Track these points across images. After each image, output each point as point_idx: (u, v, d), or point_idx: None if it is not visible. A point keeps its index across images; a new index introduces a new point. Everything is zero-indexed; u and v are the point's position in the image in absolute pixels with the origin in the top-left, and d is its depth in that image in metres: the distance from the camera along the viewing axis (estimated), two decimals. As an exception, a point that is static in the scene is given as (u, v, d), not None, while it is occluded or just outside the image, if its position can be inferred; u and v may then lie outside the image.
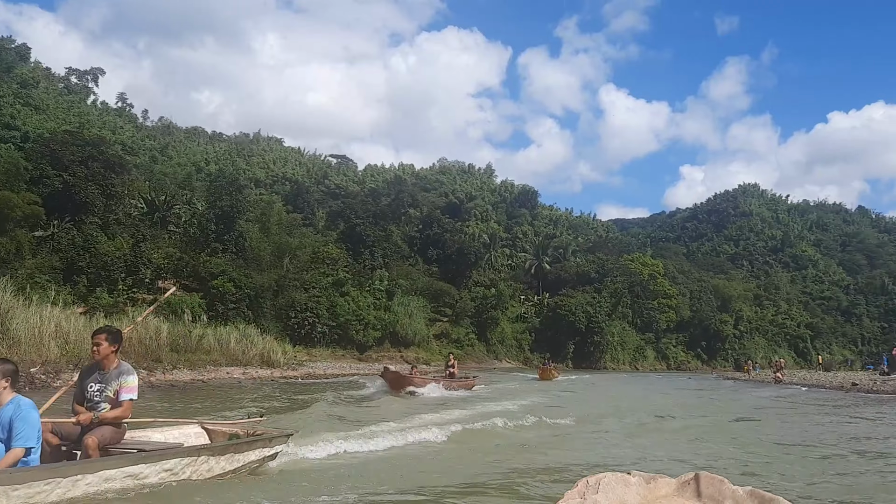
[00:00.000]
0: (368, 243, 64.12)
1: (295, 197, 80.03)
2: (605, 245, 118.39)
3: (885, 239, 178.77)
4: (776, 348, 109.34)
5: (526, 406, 20.06)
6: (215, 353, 25.14)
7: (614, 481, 1.99)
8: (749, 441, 14.03)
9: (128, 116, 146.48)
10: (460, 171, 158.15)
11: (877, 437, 15.23)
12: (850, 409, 23.06)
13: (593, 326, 75.16)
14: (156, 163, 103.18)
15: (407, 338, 56.13)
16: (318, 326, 48.73)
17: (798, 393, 32.91)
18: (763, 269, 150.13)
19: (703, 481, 1.98)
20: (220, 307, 44.29)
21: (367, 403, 20.56)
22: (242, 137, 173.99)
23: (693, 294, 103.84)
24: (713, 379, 57.61)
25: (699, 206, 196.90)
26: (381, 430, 12.42)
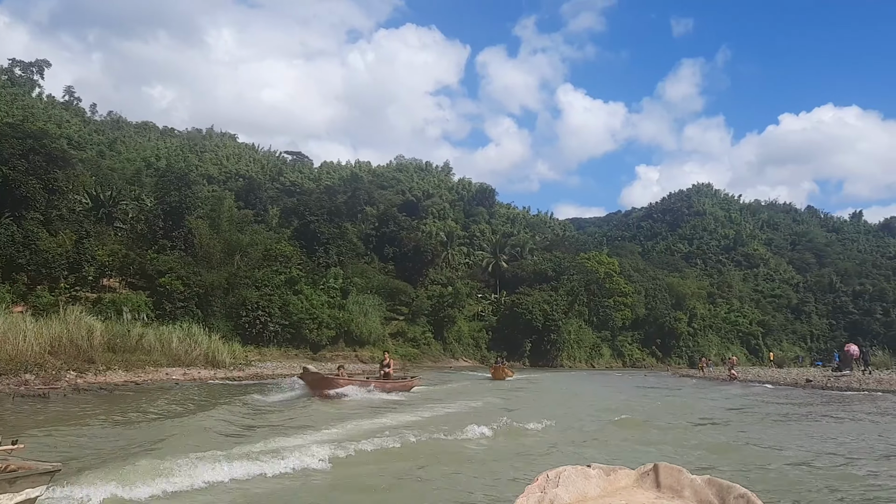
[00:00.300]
0: (323, 241, 62.94)
1: (247, 193, 78.10)
2: (562, 243, 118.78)
3: (833, 238, 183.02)
4: (729, 345, 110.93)
5: (468, 410, 18.68)
6: (156, 354, 23.91)
7: (574, 474, 1.96)
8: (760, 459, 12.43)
9: (75, 110, 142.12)
10: (417, 168, 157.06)
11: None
12: (843, 408, 22.42)
13: (550, 324, 75.07)
14: (103, 158, 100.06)
15: (362, 337, 55.17)
16: (269, 325, 47.57)
17: (765, 391, 32.42)
18: (716, 267, 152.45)
19: (662, 471, 1.98)
20: (167, 306, 42.92)
21: (278, 409, 18.27)
22: (195, 133, 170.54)
23: (648, 292, 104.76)
24: (670, 377, 57.16)
25: (654, 206, 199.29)
26: (247, 452, 10.16)
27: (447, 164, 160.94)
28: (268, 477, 9.22)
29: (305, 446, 11.23)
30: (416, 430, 13.67)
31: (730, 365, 53.22)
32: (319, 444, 11.34)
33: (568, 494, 1.91)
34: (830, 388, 29.46)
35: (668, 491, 1.98)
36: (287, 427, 14.20)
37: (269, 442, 11.71)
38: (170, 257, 46.17)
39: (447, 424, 15.03)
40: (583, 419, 17.49)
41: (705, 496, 1.90)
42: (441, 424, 15.01)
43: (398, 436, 12.89)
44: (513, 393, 28.30)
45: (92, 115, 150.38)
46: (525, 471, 9.89)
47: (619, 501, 1.94)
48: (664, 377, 54.74)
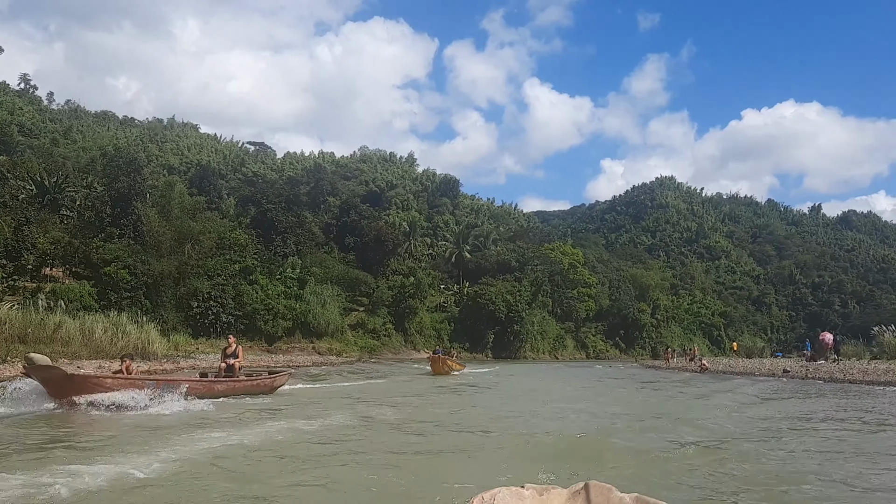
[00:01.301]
0: (280, 230, 61.17)
1: (200, 180, 75.63)
2: (526, 234, 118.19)
3: (793, 231, 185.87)
4: (692, 336, 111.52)
5: (319, 433, 11.22)
6: (75, 345, 22.21)
7: (509, 495, 1.96)
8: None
9: (30, 98, 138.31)
10: (381, 159, 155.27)
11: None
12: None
13: (513, 315, 74.27)
14: (57, 146, 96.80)
15: (319, 328, 53.64)
16: (222, 316, 45.84)
17: (753, 383, 27.76)
18: (679, 259, 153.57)
19: (593, 490, 1.98)
20: (112, 296, 41.03)
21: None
22: (156, 123, 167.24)
23: (612, 283, 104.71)
24: (637, 368, 54.42)
25: (618, 199, 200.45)
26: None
27: (411, 155, 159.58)
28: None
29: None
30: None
31: (691, 355, 52.94)
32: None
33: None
34: (812, 378, 28.46)
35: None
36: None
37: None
38: (116, 245, 44.24)
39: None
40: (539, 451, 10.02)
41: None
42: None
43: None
44: (445, 396, 20.71)
45: (49, 104, 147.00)
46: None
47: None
48: (632, 368, 52.23)
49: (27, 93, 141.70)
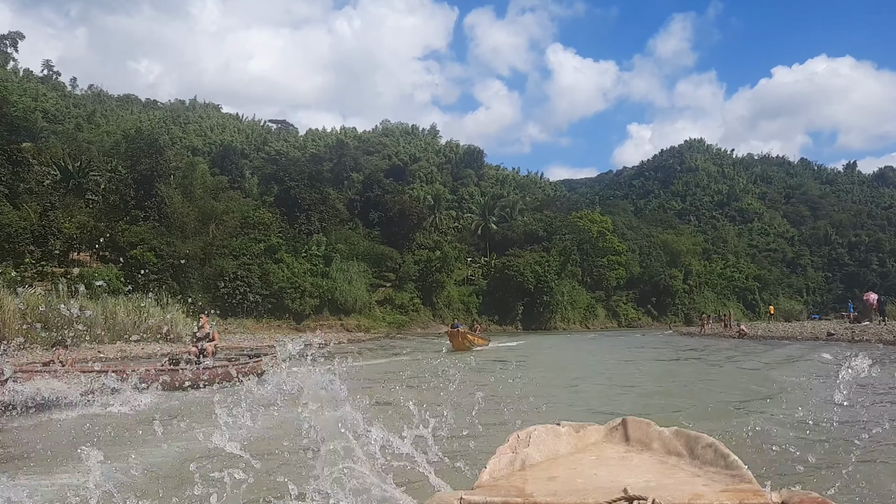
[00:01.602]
0: (304, 207, 60.79)
1: (222, 160, 75.28)
2: (553, 204, 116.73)
3: (828, 190, 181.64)
4: (725, 301, 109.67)
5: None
6: (98, 329, 21.93)
7: (545, 433, 2.00)
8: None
9: (54, 84, 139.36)
10: (404, 132, 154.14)
11: None
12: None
13: (542, 286, 73.42)
14: (81, 131, 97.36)
15: (346, 305, 53.38)
16: (249, 296, 45.75)
17: (811, 349, 24.94)
18: (710, 223, 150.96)
19: (631, 425, 2.02)
20: (139, 278, 41.01)
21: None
22: (178, 104, 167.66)
23: (642, 250, 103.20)
24: (673, 336, 51.94)
25: (646, 164, 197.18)
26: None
27: (434, 127, 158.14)
28: None
29: None
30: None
31: (726, 321, 51.60)
32: None
33: (539, 453, 1.89)
34: (860, 340, 26.86)
35: (637, 444, 1.95)
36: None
37: None
38: (142, 228, 44.20)
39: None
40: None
41: (673, 447, 1.87)
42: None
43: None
44: (467, 375, 17.23)
45: (72, 90, 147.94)
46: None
47: (589, 457, 1.91)
48: (668, 337, 49.44)
49: (50, 79, 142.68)
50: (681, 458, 1.89)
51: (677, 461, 1.87)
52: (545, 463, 1.93)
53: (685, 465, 1.85)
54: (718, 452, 1.80)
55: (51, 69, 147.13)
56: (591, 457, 1.95)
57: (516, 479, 1.85)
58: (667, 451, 1.94)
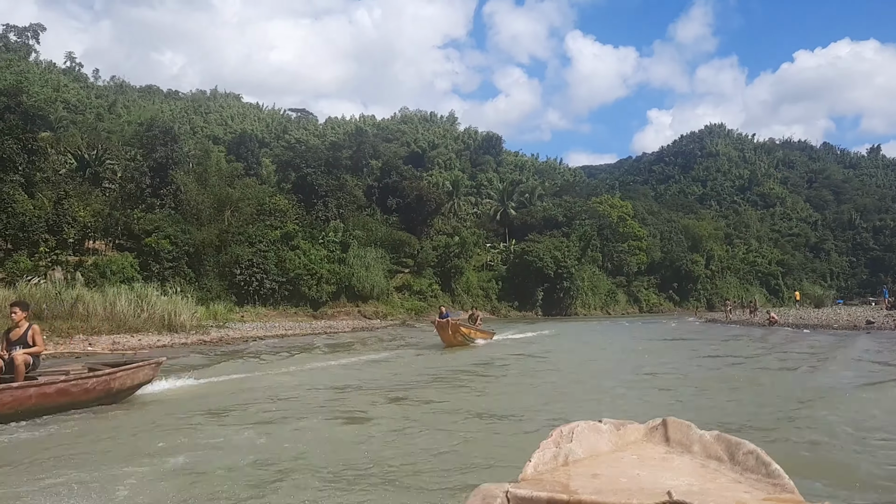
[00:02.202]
0: (321, 193, 60.30)
1: (238, 147, 74.75)
2: (572, 189, 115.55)
3: (851, 174, 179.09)
4: (748, 287, 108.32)
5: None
6: (96, 320, 21.33)
7: (587, 429, 2.03)
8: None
9: (77, 76, 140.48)
10: (422, 119, 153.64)
11: None
12: None
13: (562, 272, 72.52)
14: (101, 121, 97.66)
15: (364, 291, 52.88)
16: (266, 283, 45.37)
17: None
18: (732, 208, 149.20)
19: (671, 427, 2.03)
20: (154, 266, 40.76)
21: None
22: (199, 94, 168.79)
23: (663, 235, 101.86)
24: (697, 322, 49.80)
25: (666, 149, 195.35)
26: None
27: (452, 114, 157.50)
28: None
29: None
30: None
31: (752, 307, 50.34)
32: None
33: (581, 449, 1.94)
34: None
35: (678, 445, 1.97)
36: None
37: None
38: (157, 216, 43.90)
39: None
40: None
41: (714, 451, 1.88)
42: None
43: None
44: (448, 392, 12.35)
45: (95, 81, 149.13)
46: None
47: (630, 455, 1.94)
48: (692, 324, 46.43)
49: (73, 70, 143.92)
50: (721, 462, 1.85)
51: (718, 465, 1.84)
52: (587, 459, 1.92)
53: (726, 471, 1.81)
54: (760, 460, 1.77)
55: (73, 61, 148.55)
56: (633, 456, 1.94)
57: (560, 474, 1.83)
58: (707, 454, 1.91)
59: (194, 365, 16.43)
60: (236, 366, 16.65)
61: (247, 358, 18.82)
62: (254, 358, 18.89)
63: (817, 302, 70.22)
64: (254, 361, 17.96)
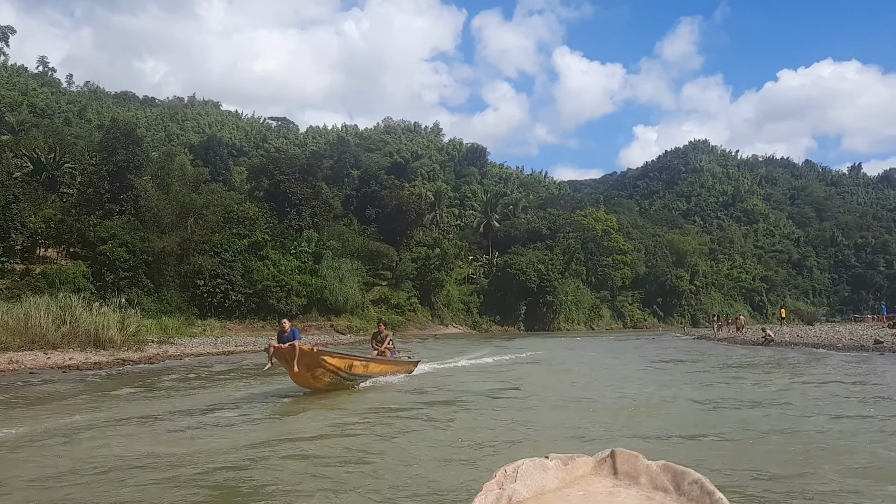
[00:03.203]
0: (295, 202, 57.49)
1: (206, 151, 71.27)
2: (557, 202, 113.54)
3: (833, 192, 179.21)
4: (732, 302, 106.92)
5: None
6: (5, 334, 18.50)
7: (532, 467, 1.96)
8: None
9: (48, 81, 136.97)
10: (406, 130, 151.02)
11: None
12: None
13: (545, 285, 70.21)
14: (69, 125, 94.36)
15: (337, 305, 50.11)
16: (231, 294, 42.52)
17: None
18: (715, 223, 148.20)
19: (619, 458, 2.01)
20: (108, 276, 37.88)
21: None
22: (176, 102, 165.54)
23: (648, 249, 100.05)
24: (684, 339, 46.82)
25: (650, 164, 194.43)
26: None
27: (437, 125, 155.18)
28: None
29: None
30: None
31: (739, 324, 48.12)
32: None
33: (526, 489, 1.85)
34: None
35: (626, 477, 1.94)
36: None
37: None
38: (114, 222, 41.02)
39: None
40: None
41: (661, 482, 1.87)
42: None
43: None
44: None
45: (68, 87, 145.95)
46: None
47: (577, 492, 1.90)
48: (680, 340, 44.07)
49: (45, 75, 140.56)
50: (667, 493, 1.84)
51: (664, 497, 1.83)
52: (532, 499, 1.85)
53: (671, 502, 1.81)
54: (704, 489, 1.72)
55: (46, 65, 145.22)
56: (579, 492, 1.88)
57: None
58: (654, 486, 1.85)
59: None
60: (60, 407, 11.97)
61: (132, 387, 14.63)
62: (139, 389, 14.61)
63: (808, 319, 67.94)
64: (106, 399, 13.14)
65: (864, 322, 62.87)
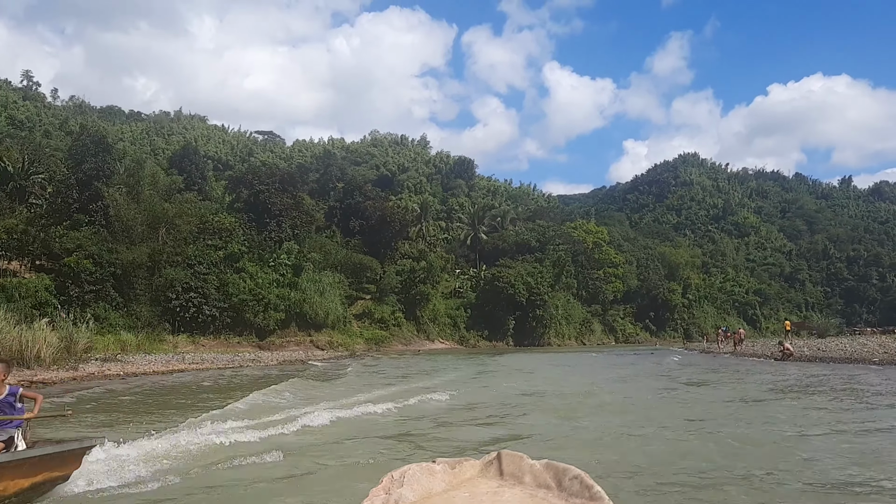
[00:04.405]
0: (275, 213, 55.50)
1: (181, 160, 68.82)
2: (546, 214, 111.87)
3: (823, 205, 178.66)
4: (725, 316, 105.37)
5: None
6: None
7: (419, 472, 1.98)
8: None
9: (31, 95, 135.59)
10: (393, 142, 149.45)
11: None
12: None
13: (535, 299, 68.35)
14: (49, 137, 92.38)
15: (318, 319, 48.07)
16: (205, 308, 40.50)
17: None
18: (707, 236, 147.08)
19: (505, 459, 2.02)
20: (73, 290, 35.83)
21: None
22: (162, 116, 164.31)
23: (640, 262, 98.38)
24: (692, 354, 43.97)
25: (640, 178, 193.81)
26: None
27: (424, 138, 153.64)
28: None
29: None
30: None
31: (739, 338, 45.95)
32: None
33: (413, 493, 1.87)
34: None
35: (511, 478, 1.95)
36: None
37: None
38: (81, 233, 38.99)
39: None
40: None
41: (543, 480, 1.90)
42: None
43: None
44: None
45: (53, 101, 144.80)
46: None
47: (462, 493, 1.91)
48: (684, 356, 41.07)
49: (29, 89, 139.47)
50: (549, 490, 1.87)
51: (546, 494, 1.86)
52: (419, 503, 1.86)
53: (553, 498, 1.84)
54: (584, 484, 1.78)
55: (30, 80, 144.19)
56: (465, 493, 1.89)
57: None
58: (537, 484, 1.89)
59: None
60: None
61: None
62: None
63: (820, 331, 65.01)
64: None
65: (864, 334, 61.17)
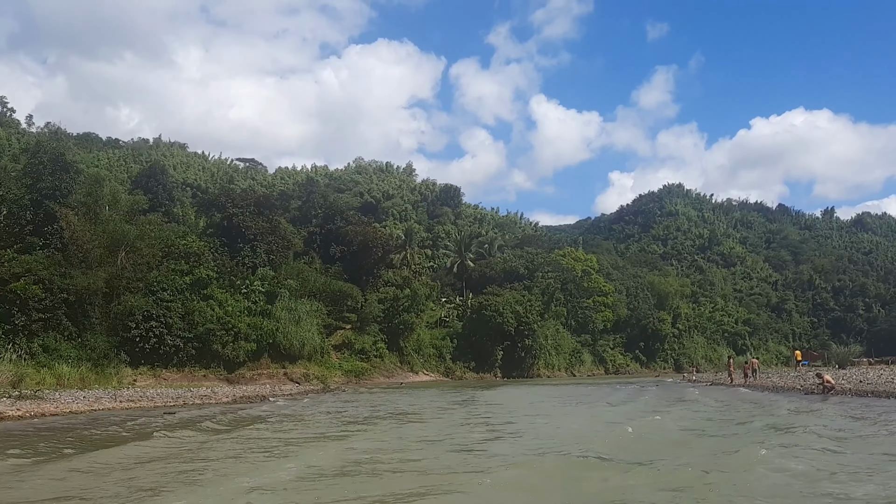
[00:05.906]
0: (249, 237, 52.28)
1: (147, 179, 64.98)
2: (533, 241, 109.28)
3: (807, 235, 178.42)
4: (715, 346, 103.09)
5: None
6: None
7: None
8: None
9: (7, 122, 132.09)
10: (377, 170, 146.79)
11: None
12: None
13: (524, 328, 65.32)
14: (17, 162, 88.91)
15: (292, 350, 44.71)
16: (167, 339, 37.14)
17: None
18: (693, 266, 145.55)
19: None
20: (19, 318, 32.42)
21: None
22: (141, 143, 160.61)
23: (629, 291, 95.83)
24: (699, 386, 40.25)
25: (625, 208, 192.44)
26: None
27: (409, 166, 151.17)
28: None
29: None
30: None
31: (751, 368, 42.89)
32: None
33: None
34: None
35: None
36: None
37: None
38: (31, 257, 35.67)
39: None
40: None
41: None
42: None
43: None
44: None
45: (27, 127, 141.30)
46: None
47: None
48: (690, 388, 37.23)
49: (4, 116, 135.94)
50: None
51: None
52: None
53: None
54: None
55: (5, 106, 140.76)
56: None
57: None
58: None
59: None
60: None
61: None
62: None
63: (840, 360, 60.91)
64: None
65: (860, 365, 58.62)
